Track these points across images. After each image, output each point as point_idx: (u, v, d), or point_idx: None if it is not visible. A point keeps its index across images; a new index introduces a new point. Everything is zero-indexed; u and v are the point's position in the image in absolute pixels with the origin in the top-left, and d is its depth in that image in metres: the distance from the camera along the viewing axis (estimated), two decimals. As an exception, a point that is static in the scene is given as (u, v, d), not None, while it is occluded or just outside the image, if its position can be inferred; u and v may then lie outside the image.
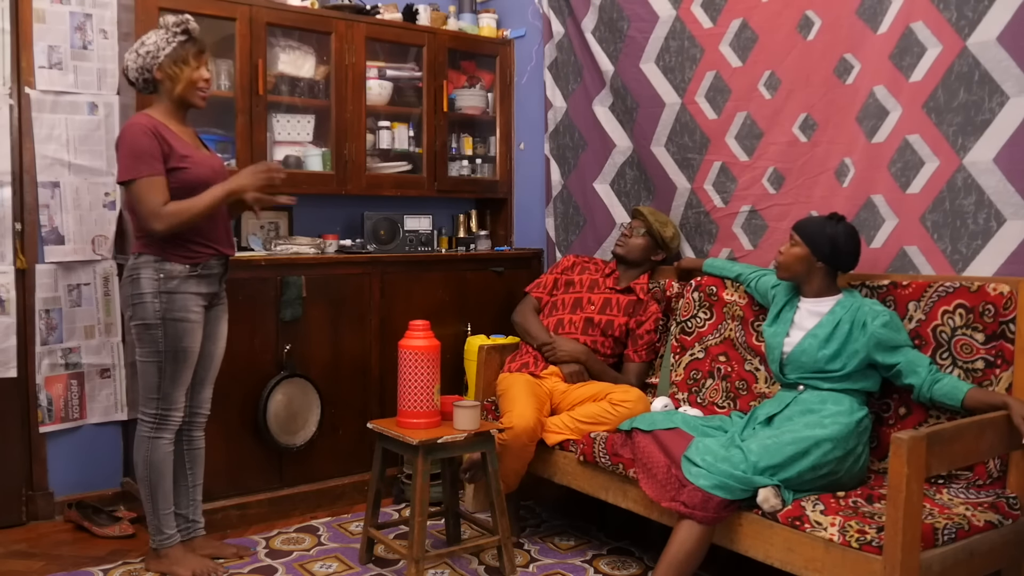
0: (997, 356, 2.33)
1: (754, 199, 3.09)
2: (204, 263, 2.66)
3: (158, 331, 2.60)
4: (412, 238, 3.73)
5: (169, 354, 2.62)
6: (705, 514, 2.26)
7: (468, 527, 3.13)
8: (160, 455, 2.67)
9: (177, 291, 2.60)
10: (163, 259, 2.59)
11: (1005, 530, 2.17)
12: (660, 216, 3.30)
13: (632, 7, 3.40)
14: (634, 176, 3.55)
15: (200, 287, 2.66)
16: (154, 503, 2.69)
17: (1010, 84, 2.38)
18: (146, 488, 2.69)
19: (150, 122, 2.57)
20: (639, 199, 3.53)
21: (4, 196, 3.13)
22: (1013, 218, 2.39)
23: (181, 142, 2.62)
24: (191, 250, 2.63)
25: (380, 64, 3.74)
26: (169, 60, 2.60)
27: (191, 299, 2.63)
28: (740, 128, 3.10)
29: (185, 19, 2.63)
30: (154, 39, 2.61)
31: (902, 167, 2.64)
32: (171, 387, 2.65)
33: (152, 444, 2.66)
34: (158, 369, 2.63)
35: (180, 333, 2.62)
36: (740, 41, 3.08)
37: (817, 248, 2.50)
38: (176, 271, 2.60)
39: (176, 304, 2.60)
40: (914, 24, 2.58)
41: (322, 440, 3.38)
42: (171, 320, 2.60)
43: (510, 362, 3.23)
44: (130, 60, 2.62)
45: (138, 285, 2.60)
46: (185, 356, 2.65)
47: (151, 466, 2.67)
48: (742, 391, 2.90)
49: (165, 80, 2.62)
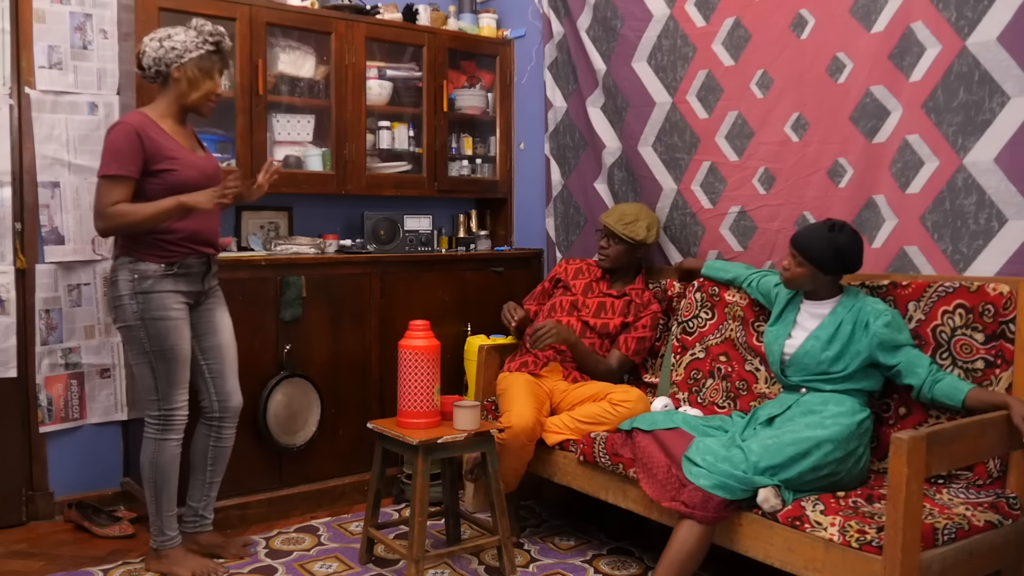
0: (997, 356, 2.33)
1: (744, 200, 3.08)
2: (180, 262, 2.64)
3: (140, 332, 2.60)
4: (412, 238, 3.73)
5: (156, 354, 2.61)
6: (705, 514, 2.26)
7: (468, 527, 3.13)
8: (167, 457, 2.67)
9: (152, 291, 2.59)
10: (137, 259, 2.59)
11: (1005, 530, 2.17)
12: (623, 214, 3.19)
13: (626, 6, 3.39)
14: (622, 177, 3.53)
15: (178, 285, 2.64)
16: (158, 504, 2.69)
17: (1011, 84, 2.38)
18: (151, 489, 2.68)
19: (140, 121, 2.57)
20: (626, 201, 3.49)
21: (4, 196, 3.13)
22: (1015, 218, 2.39)
23: (172, 143, 2.61)
24: (165, 249, 2.61)
25: (380, 64, 3.74)
26: (194, 65, 2.60)
27: (169, 297, 2.62)
28: (731, 128, 3.10)
29: (221, 33, 2.65)
30: (183, 38, 2.60)
31: (902, 167, 2.64)
32: (168, 387, 2.65)
33: (159, 446, 2.66)
34: (151, 370, 2.63)
35: (163, 332, 2.61)
36: (733, 40, 3.08)
37: (823, 264, 2.45)
38: (150, 271, 2.59)
39: (153, 303, 2.59)
40: (914, 24, 2.58)
41: (322, 440, 3.38)
42: (150, 320, 2.59)
43: (510, 362, 3.23)
44: (150, 47, 2.60)
45: (116, 287, 2.61)
46: (173, 355, 2.63)
47: (157, 468, 2.67)
48: (742, 391, 2.90)
49: (182, 80, 2.61)
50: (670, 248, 3.36)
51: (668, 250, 3.38)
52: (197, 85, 2.62)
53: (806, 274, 2.50)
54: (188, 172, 2.62)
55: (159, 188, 2.57)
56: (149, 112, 2.63)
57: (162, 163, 2.57)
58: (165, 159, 2.57)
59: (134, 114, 2.62)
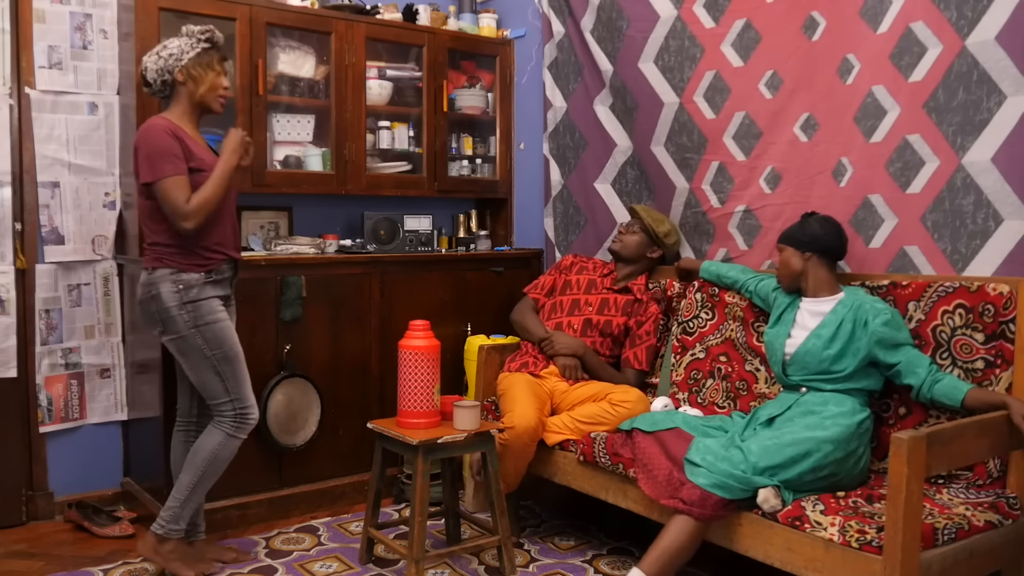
0: (997, 356, 2.33)
1: (749, 199, 3.08)
2: (217, 268, 2.67)
3: (197, 339, 2.61)
4: (412, 238, 3.73)
5: (219, 357, 2.64)
6: (703, 512, 2.27)
7: (468, 527, 3.13)
8: (228, 453, 2.69)
9: (200, 298, 2.62)
10: (179, 270, 2.60)
11: (1005, 530, 2.17)
12: (656, 214, 3.31)
13: (632, 7, 3.39)
14: (635, 176, 3.55)
15: (216, 291, 2.67)
16: (191, 493, 2.67)
17: (1008, 83, 2.38)
18: (195, 475, 2.66)
19: (168, 124, 2.59)
20: (640, 199, 3.53)
21: (4, 196, 3.13)
22: (1010, 218, 2.39)
23: (196, 145, 2.65)
24: (204, 257, 2.64)
25: (380, 64, 3.74)
26: (193, 63, 2.62)
27: (214, 302, 2.65)
28: (739, 128, 3.10)
29: (210, 28, 2.68)
30: (177, 43, 2.64)
31: (901, 167, 2.64)
32: (238, 387, 2.67)
33: (228, 441, 2.68)
34: (216, 374, 2.64)
35: (219, 335, 2.63)
36: (743, 41, 3.08)
37: (799, 242, 2.57)
38: (193, 280, 2.61)
39: (203, 310, 2.62)
40: (914, 24, 2.58)
41: (322, 440, 3.38)
42: (204, 326, 2.61)
43: (510, 362, 3.23)
44: (150, 62, 2.64)
45: (160, 300, 2.60)
46: (235, 353, 2.67)
47: (215, 460, 2.67)
48: (742, 391, 2.90)
49: (187, 82, 2.63)
50: (683, 246, 3.37)
51: (681, 247, 3.39)
52: (202, 80, 2.65)
53: (788, 256, 2.59)
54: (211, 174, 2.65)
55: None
56: (169, 117, 2.65)
57: (193, 162, 2.60)
58: (195, 159, 2.61)
59: (158, 118, 2.62)
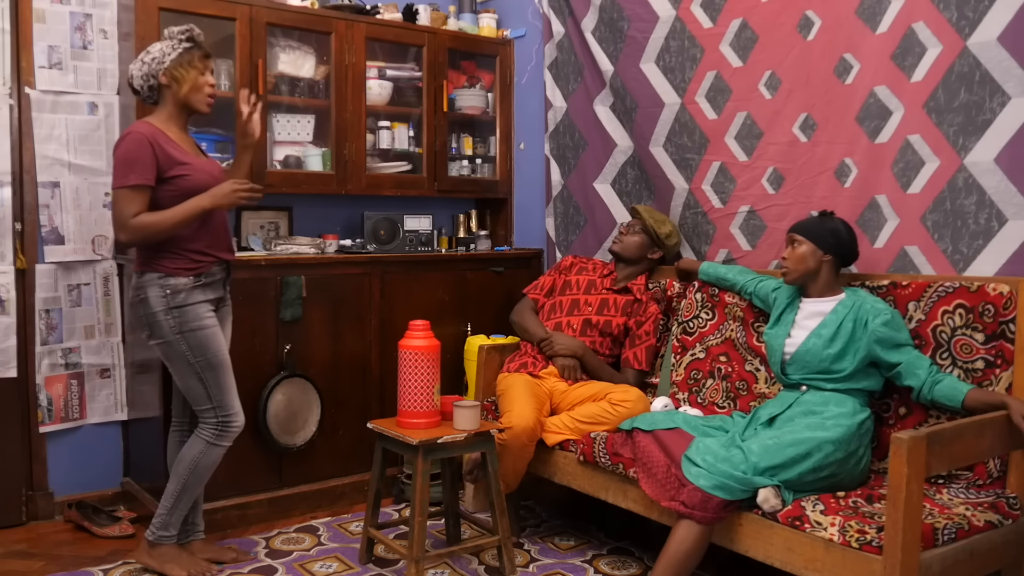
0: (997, 356, 2.33)
1: (753, 199, 3.09)
2: (207, 272, 2.66)
3: (181, 345, 2.61)
4: (412, 238, 3.73)
5: (203, 363, 2.63)
6: (704, 514, 2.26)
7: (468, 527, 3.13)
8: (210, 460, 2.68)
9: (186, 303, 2.61)
10: (167, 275, 2.60)
11: (1005, 530, 2.17)
12: (657, 215, 3.31)
13: (632, 7, 3.40)
14: (635, 176, 3.55)
15: (207, 294, 2.67)
16: (177, 500, 2.69)
17: (1011, 84, 2.38)
18: (179, 484, 2.68)
19: (149, 130, 2.58)
20: (640, 199, 3.53)
21: (4, 196, 3.13)
22: (1015, 218, 2.39)
23: (180, 149, 2.63)
24: (193, 261, 2.63)
25: (380, 64, 3.74)
26: (175, 64, 2.62)
27: (202, 307, 2.64)
28: (740, 128, 3.10)
29: (189, 27, 2.67)
30: (159, 47, 2.64)
31: (903, 167, 2.64)
32: (221, 393, 2.66)
33: (208, 449, 2.67)
34: (200, 381, 2.64)
35: (204, 342, 2.62)
36: (740, 41, 3.08)
37: (822, 241, 2.52)
38: (181, 284, 2.60)
39: (189, 316, 2.61)
40: (915, 24, 2.58)
41: (322, 440, 3.38)
42: (189, 332, 2.61)
43: (509, 362, 3.23)
44: (135, 69, 2.64)
45: (147, 304, 2.60)
46: (219, 360, 2.65)
47: (197, 467, 2.67)
48: (742, 391, 2.90)
49: (171, 83, 2.63)
50: (683, 247, 3.37)
51: (681, 248, 3.38)
52: (184, 78, 2.63)
53: (805, 253, 2.53)
54: (199, 176, 2.63)
55: (172, 194, 2.58)
56: (153, 121, 2.64)
57: (174, 169, 2.58)
58: (177, 164, 2.59)
59: (140, 123, 2.62)
